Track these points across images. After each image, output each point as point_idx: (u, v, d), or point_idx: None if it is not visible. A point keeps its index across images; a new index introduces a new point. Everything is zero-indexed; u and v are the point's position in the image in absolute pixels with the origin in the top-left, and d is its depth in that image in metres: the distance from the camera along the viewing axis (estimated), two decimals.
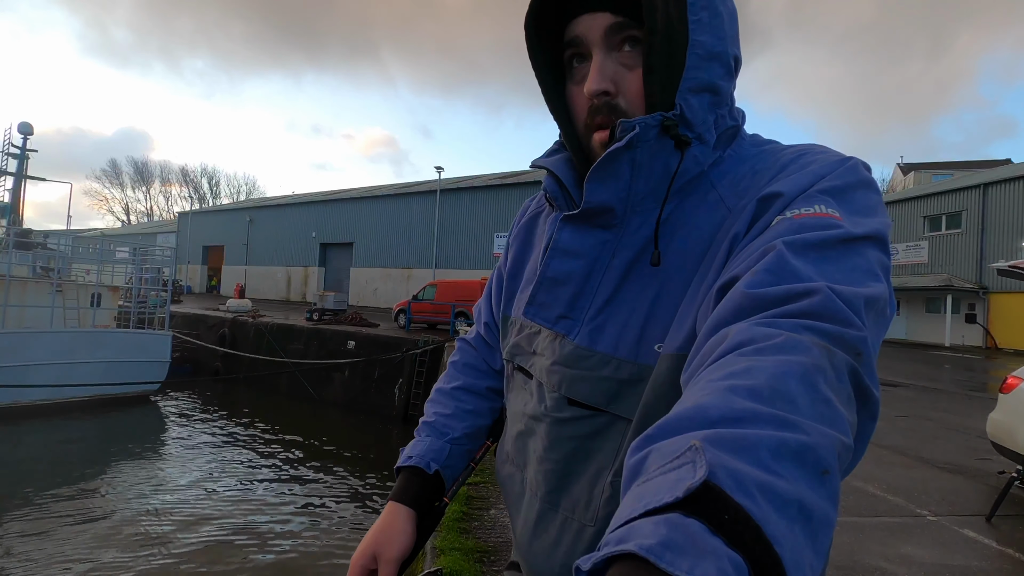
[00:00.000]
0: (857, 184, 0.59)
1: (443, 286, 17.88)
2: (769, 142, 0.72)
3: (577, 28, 0.68)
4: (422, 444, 0.88)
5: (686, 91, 0.63)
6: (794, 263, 0.50)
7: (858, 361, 0.45)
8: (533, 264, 0.83)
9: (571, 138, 0.74)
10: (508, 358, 0.83)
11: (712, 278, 0.60)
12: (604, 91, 0.66)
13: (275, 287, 37.69)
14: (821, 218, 0.54)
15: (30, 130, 18.45)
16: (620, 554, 0.29)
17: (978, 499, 4.62)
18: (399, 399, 13.96)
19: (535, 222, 0.88)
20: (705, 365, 0.46)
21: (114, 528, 7.09)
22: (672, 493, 0.31)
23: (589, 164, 0.71)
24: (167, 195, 76.06)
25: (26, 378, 12.47)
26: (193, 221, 45.93)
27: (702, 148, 0.66)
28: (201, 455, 10.67)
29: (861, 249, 0.53)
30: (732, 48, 0.66)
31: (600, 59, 0.66)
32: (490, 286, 0.96)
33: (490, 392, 0.95)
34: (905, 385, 10.99)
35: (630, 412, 0.65)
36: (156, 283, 18.38)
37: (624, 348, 0.66)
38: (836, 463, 0.36)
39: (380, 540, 0.78)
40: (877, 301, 0.50)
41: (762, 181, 0.63)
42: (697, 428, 0.36)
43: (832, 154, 0.63)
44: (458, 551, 3.27)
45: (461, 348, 1.00)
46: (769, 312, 0.47)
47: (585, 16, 0.67)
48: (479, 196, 28.97)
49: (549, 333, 0.73)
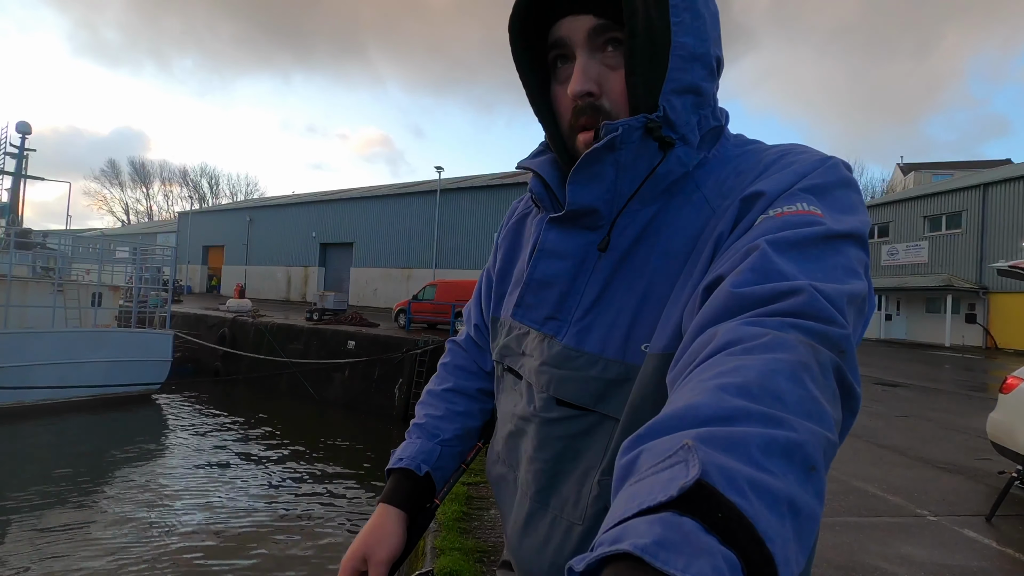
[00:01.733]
0: (838, 183, 0.60)
1: (443, 286, 17.90)
2: (752, 142, 0.73)
3: (561, 30, 0.69)
4: (413, 446, 0.88)
5: (669, 92, 0.64)
6: (778, 262, 0.51)
7: (842, 358, 0.46)
8: (521, 266, 0.83)
9: (556, 139, 0.74)
10: (498, 359, 0.84)
11: (697, 278, 0.61)
12: (588, 92, 0.66)
13: (275, 287, 37.72)
14: (803, 215, 0.55)
15: (28, 129, 18.46)
16: (615, 554, 0.29)
17: (978, 499, 4.62)
18: (399, 399, 13.97)
19: (523, 224, 0.89)
20: (693, 365, 0.46)
21: (116, 528, 7.09)
22: (666, 492, 0.31)
23: (573, 164, 0.71)
24: (167, 195, 76.21)
25: (28, 378, 12.49)
26: (193, 221, 45.99)
27: (686, 149, 0.67)
28: (202, 455, 10.69)
29: (842, 246, 0.54)
30: (714, 49, 0.67)
31: (584, 60, 0.67)
32: (479, 288, 0.96)
33: (480, 394, 0.95)
34: (905, 385, 10.99)
35: (617, 411, 0.65)
36: (156, 283, 18.39)
37: (611, 348, 0.67)
38: (822, 459, 0.37)
39: (370, 542, 0.79)
40: (857, 298, 0.51)
41: (745, 181, 0.64)
42: (688, 427, 0.37)
43: (813, 153, 0.64)
44: (458, 551, 3.27)
45: (451, 350, 1.00)
46: (755, 311, 0.47)
47: (568, 18, 0.68)
48: (479, 196, 28.98)
49: (537, 334, 0.74)
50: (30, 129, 18.49)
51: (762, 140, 0.73)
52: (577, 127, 0.69)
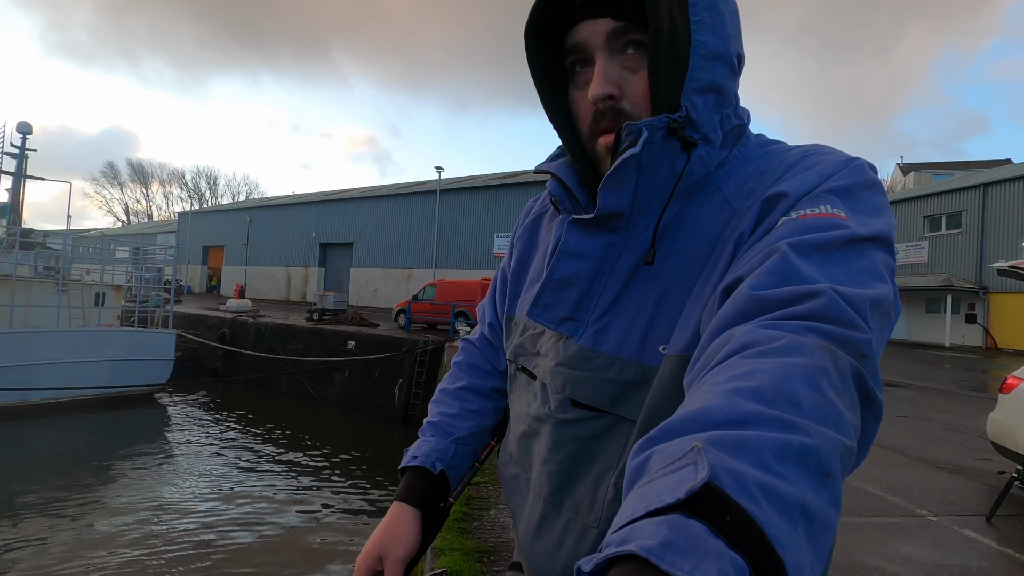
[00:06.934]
0: (863, 184, 0.59)
1: (443, 286, 17.86)
2: (774, 142, 0.72)
3: (579, 35, 0.68)
4: (427, 444, 0.87)
5: (691, 92, 0.63)
6: (798, 264, 0.50)
7: (862, 363, 0.45)
8: (537, 265, 0.83)
9: (571, 144, 0.74)
10: (511, 358, 0.83)
11: (717, 279, 0.60)
12: (609, 95, 0.66)
13: (275, 287, 37.66)
14: (827, 218, 0.54)
15: (29, 129, 18.39)
16: (622, 555, 0.29)
17: (978, 499, 4.62)
18: (399, 399, 13.96)
19: (539, 223, 0.88)
20: (709, 367, 0.46)
21: (118, 527, 7.09)
22: (674, 494, 0.31)
23: (592, 168, 0.72)
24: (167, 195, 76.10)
25: (33, 377, 12.48)
26: (193, 221, 45.89)
27: (708, 149, 0.66)
28: (204, 454, 10.70)
29: (866, 250, 0.53)
30: (735, 46, 0.66)
31: (603, 64, 0.66)
32: (494, 286, 0.95)
33: (494, 392, 0.94)
34: (905, 385, 10.98)
35: (634, 413, 0.65)
36: (157, 282, 18.36)
37: (628, 349, 0.66)
38: (839, 466, 0.36)
39: (386, 540, 0.78)
40: (882, 303, 0.50)
41: (767, 182, 0.63)
42: (700, 430, 0.36)
43: (838, 154, 0.63)
44: (458, 551, 3.27)
45: (465, 348, 1.00)
46: (773, 314, 0.47)
47: (586, 23, 0.67)
48: (479, 196, 28.95)
49: (553, 334, 0.73)
50: (31, 129, 18.42)
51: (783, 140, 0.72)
52: (598, 131, 0.68)
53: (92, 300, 14.96)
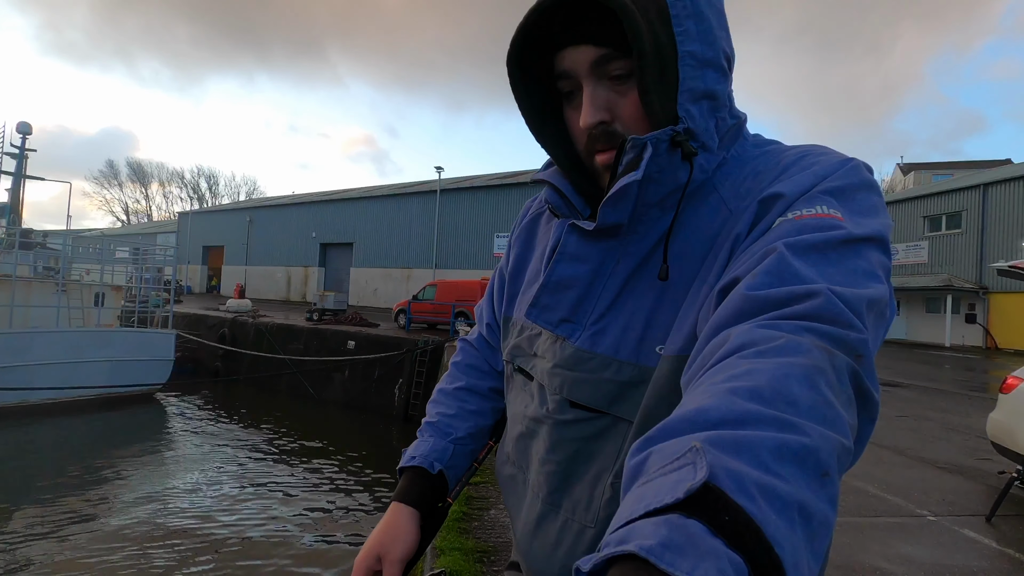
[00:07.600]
0: (859, 185, 0.59)
1: (443, 286, 17.88)
2: (771, 142, 0.72)
3: (564, 63, 0.67)
4: (425, 444, 0.87)
5: (685, 103, 0.63)
6: (795, 265, 0.50)
7: (859, 363, 0.45)
8: (535, 266, 0.83)
9: (567, 156, 0.74)
10: (508, 359, 0.83)
11: (713, 280, 0.60)
12: (600, 121, 0.66)
13: (275, 287, 37.67)
14: (823, 219, 0.54)
15: (29, 129, 18.40)
16: (621, 555, 0.29)
17: (978, 499, 4.62)
18: (399, 399, 13.97)
19: (536, 223, 0.88)
20: (706, 367, 0.46)
21: (119, 527, 7.09)
22: (672, 494, 0.31)
23: (588, 177, 0.72)
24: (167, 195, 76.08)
25: (33, 378, 12.49)
26: (193, 221, 45.89)
27: (707, 156, 0.66)
28: (204, 454, 10.70)
29: (862, 250, 0.53)
30: (724, 47, 0.66)
31: (591, 91, 0.66)
32: (491, 287, 0.96)
33: (492, 392, 0.94)
34: (905, 385, 10.98)
35: (631, 414, 0.65)
36: (157, 283, 18.36)
37: (625, 350, 0.66)
38: (836, 465, 0.37)
39: (384, 541, 0.78)
40: (878, 303, 0.50)
41: (764, 182, 0.63)
42: (698, 430, 0.37)
43: (834, 155, 0.63)
44: (458, 551, 3.27)
45: (463, 349, 1.00)
46: (770, 314, 0.47)
47: (569, 49, 0.66)
48: (479, 196, 28.96)
49: (550, 336, 0.74)
50: (30, 129, 18.43)
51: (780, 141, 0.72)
52: (594, 151, 0.68)
53: (92, 300, 14.96)
